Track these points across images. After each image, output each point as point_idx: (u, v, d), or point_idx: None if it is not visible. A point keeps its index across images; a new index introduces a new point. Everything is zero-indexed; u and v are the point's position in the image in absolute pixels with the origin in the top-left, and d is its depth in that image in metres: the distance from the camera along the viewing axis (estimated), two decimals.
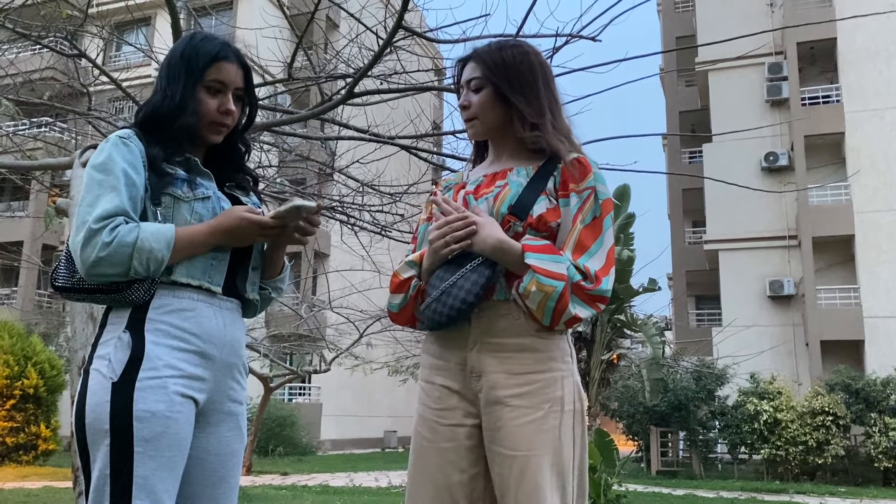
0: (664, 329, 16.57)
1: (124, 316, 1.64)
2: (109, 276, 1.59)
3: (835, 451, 14.20)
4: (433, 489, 1.75)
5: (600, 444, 8.03)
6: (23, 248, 19.51)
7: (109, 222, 1.57)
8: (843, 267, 20.21)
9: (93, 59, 4.62)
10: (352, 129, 4.75)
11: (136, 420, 1.54)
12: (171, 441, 1.57)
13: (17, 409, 13.67)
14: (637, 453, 17.37)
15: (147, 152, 1.69)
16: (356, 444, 24.30)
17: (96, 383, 1.59)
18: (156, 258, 1.59)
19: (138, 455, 1.54)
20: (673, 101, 26.78)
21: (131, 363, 1.58)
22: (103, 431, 1.55)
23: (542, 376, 1.73)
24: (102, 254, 1.56)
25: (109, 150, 1.67)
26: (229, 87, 1.76)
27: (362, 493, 10.64)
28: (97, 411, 1.57)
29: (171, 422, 1.57)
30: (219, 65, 1.74)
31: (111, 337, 1.63)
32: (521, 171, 1.84)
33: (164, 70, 1.76)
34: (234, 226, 1.68)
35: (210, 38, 1.78)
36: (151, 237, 1.58)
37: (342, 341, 14.88)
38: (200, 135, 1.77)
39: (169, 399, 1.58)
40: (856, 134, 20.03)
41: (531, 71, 1.85)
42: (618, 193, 10.27)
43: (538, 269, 1.68)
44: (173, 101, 1.71)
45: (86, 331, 3.51)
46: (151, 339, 1.61)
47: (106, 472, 1.56)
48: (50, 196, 9.00)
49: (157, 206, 1.67)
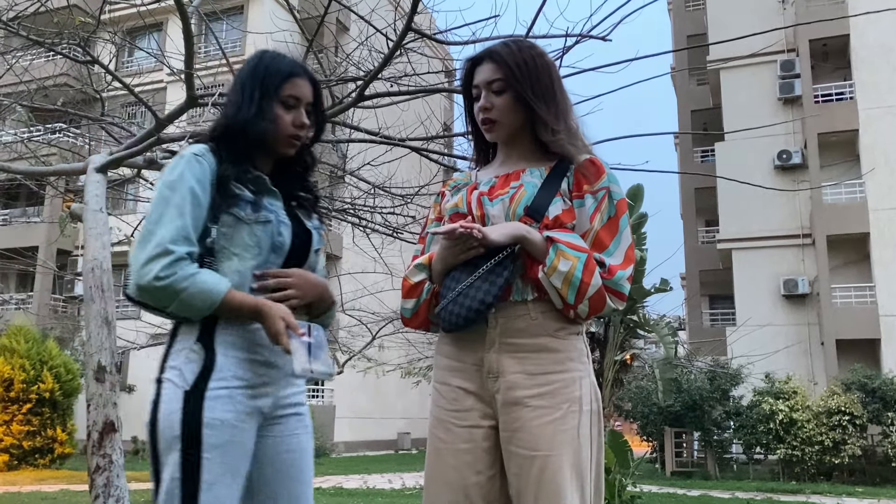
0: (677, 329, 16.48)
1: (195, 329, 1.70)
2: (147, 303, 1.66)
3: (851, 451, 14.08)
4: (450, 491, 1.75)
5: (614, 445, 7.99)
6: (38, 253, 19.67)
7: (171, 256, 1.61)
8: (858, 265, 20.04)
9: (105, 66, 4.65)
10: (363, 131, 4.76)
11: (206, 427, 1.62)
12: (236, 449, 1.65)
13: (33, 413, 13.80)
14: (651, 454, 17.29)
15: (219, 169, 1.73)
16: (369, 446, 24.32)
17: (169, 392, 1.66)
18: (192, 312, 1.65)
19: (206, 461, 1.61)
20: (684, 100, 26.65)
21: (202, 374, 1.66)
22: (175, 438, 1.62)
23: (561, 376, 1.73)
24: (151, 286, 1.61)
25: (182, 168, 1.71)
26: (302, 101, 1.82)
27: (376, 495, 10.64)
28: (170, 419, 1.64)
29: (237, 431, 1.65)
30: (293, 81, 1.80)
31: (182, 348, 1.69)
32: (534, 172, 1.83)
33: (237, 87, 1.82)
34: (268, 314, 1.67)
35: (282, 56, 1.85)
36: (198, 294, 1.62)
37: (355, 343, 14.89)
38: (275, 147, 1.82)
39: (236, 409, 1.66)
40: (870, 131, 19.86)
41: (548, 73, 1.83)
42: (631, 193, 10.22)
43: (560, 241, 1.69)
44: (250, 113, 1.76)
45: (100, 335, 3.53)
46: (221, 351, 1.68)
47: (177, 476, 1.62)
48: (64, 201, 9.09)
49: (215, 224, 1.71)
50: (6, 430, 13.59)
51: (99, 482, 3.32)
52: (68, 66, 8.46)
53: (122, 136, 5.68)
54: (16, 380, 13.69)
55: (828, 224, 19.50)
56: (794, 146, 20.91)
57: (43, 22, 4.94)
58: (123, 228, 6.19)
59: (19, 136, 7.19)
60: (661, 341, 11.03)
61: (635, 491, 8.56)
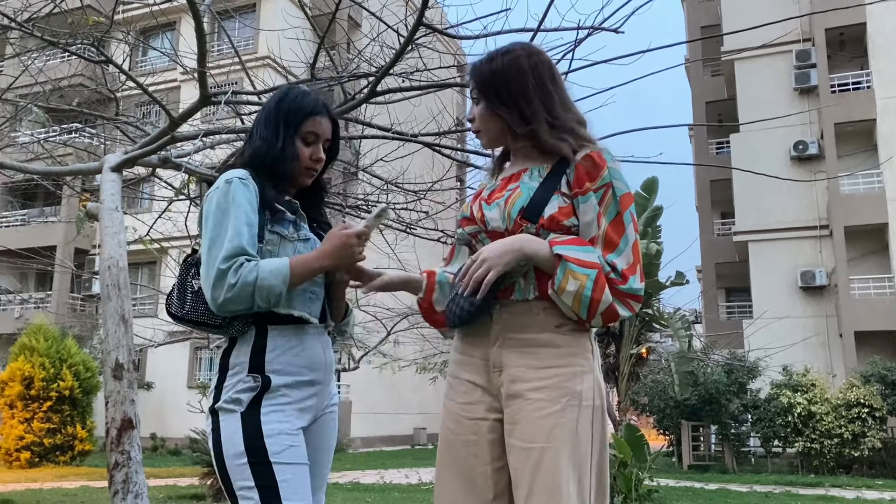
0: (693, 322, 16.39)
1: (245, 361, 1.83)
2: (236, 311, 1.79)
3: (871, 444, 13.96)
4: (460, 481, 1.80)
5: (631, 439, 7.97)
6: (56, 252, 19.87)
7: (233, 262, 1.76)
8: (876, 256, 19.84)
9: (119, 65, 4.68)
10: (375, 127, 4.76)
11: (267, 437, 1.77)
12: (297, 454, 1.80)
13: (53, 411, 13.96)
14: (668, 448, 17.22)
15: (263, 192, 1.88)
16: (386, 442, 24.41)
17: (227, 417, 1.80)
18: (274, 293, 1.78)
19: (276, 465, 1.75)
20: (699, 91, 26.47)
21: (256, 397, 1.80)
22: (239, 454, 1.76)
23: (562, 370, 1.74)
24: (230, 294, 1.75)
25: (233, 191, 1.84)
26: (321, 138, 1.98)
27: (392, 490, 10.68)
28: (232, 439, 1.78)
29: (293, 438, 1.81)
30: (314, 119, 1.95)
31: (237, 381, 1.82)
32: (534, 172, 1.84)
33: (263, 120, 1.97)
34: (337, 245, 1.84)
35: (306, 94, 2.00)
36: (270, 275, 1.77)
37: (370, 339, 14.95)
38: (292, 177, 1.96)
39: (290, 422, 1.82)
40: (887, 120, 19.62)
41: (520, 76, 1.83)
42: (646, 186, 10.18)
43: (569, 258, 1.70)
44: (275, 148, 1.91)
45: (118, 333, 3.56)
46: (272, 378, 1.83)
47: (248, 484, 1.74)
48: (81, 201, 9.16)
49: (260, 243, 1.85)
50: (27, 428, 13.76)
51: (118, 478, 3.36)
52: (83, 66, 8.53)
53: (136, 136, 5.72)
54: (36, 378, 13.86)
55: (845, 215, 19.31)
56: (811, 136, 20.71)
57: (57, 23, 4.98)
58: (139, 227, 6.23)
59: (36, 137, 7.26)
60: (676, 335, 10.99)
61: (652, 485, 8.53)
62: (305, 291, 1.89)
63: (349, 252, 1.85)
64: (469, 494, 1.79)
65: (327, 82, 4.56)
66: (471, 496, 1.78)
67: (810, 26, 20.75)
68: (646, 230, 9.92)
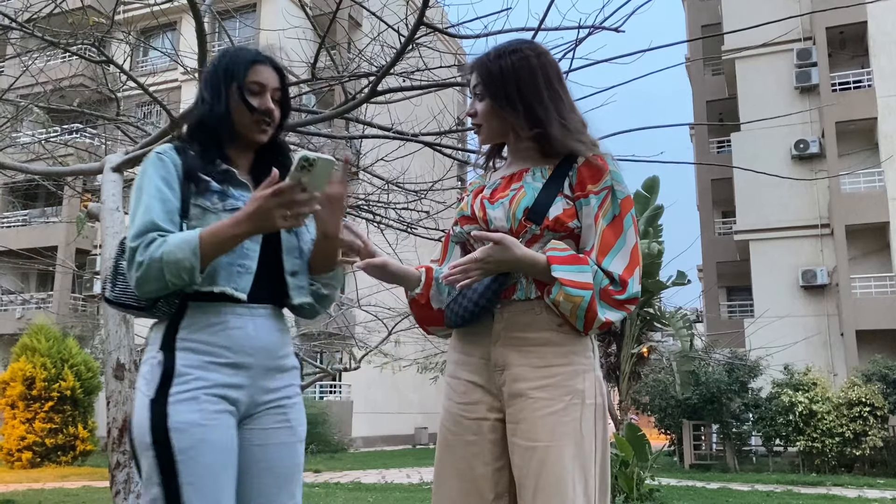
0: (695, 321, 16.39)
1: (159, 336, 1.73)
2: (155, 292, 1.67)
3: (873, 443, 13.94)
4: (460, 482, 1.79)
5: (632, 439, 7.97)
6: (57, 252, 19.88)
7: (142, 240, 1.65)
8: (878, 255, 19.82)
9: (120, 65, 4.69)
10: (376, 127, 4.76)
11: (173, 432, 1.64)
12: (212, 446, 1.66)
13: (55, 411, 13.97)
14: (670, 447, 17.21)
15: (183, 163, 1.77)
16: (387, 441, 24.41)
17: (139, 401, 1.70)
18: (185, 267, 1.63)
19: (181, 463, 1.63)
20: (700, 90, 26.44)
21: (164, 380, 1.67)
22: (147, 444, 1.66)
23: (564, 369, 1.74)
24: (139, 273, 1.64)
25: (145, 168, 1.76)
26: (268, 87, 1.85)
27: (394, 490, 10.69)
28: (140, 427, 1.67)
29: (207, 429, 1.66)
30: (255, 68, 1.84)
31: (149, 357, 1.72)
32: (536, 172, 1.84)
33: (205, 83, 1.87)
34: (253, 207, 1.62)
35: (244, 48, 1.90)
36: (176, 248, 1.62)
37: (371, 339, 14.94)
38: (246, 135, 1.85)
39: (203, 409, 1.67)
40: (889, 119, 19.61)
41: (531, 76, 1.82)
42: (647, 185, 10.19)
43: (565, 282, 1.71)
44: (220, 107, 1.80)
45: (119, 333, 3.57)
46: (181, 356, 1.69)
47: (154, 479, 1.65)
48: (82, 201, 9.17)
49: (184, 218, 1.73)
50: (29, 428, 13.77)
51: (119, 478, 3.36)
52: (83, 66, 8.53)
53: (137, 136, 5.72)
54: (37, 378, 13.86)
55: (846, 213, 19.29)
56: (812, 135, 20.69)
57: (58, 23, 4.98)
58: None
59: (37, 137, 7.26)
60: (677, 334, 10.99)
61: (654, 484, 8.54)
62: (232, 265, 1.72)
63: (267, 214, 1.61)
64: (469, 495, 1.78)
65: (328, 82, 4.56)
66: (471, 497, 1.78)
67: (811, 25, 20.74)
68: (647, 229, 9.93)
